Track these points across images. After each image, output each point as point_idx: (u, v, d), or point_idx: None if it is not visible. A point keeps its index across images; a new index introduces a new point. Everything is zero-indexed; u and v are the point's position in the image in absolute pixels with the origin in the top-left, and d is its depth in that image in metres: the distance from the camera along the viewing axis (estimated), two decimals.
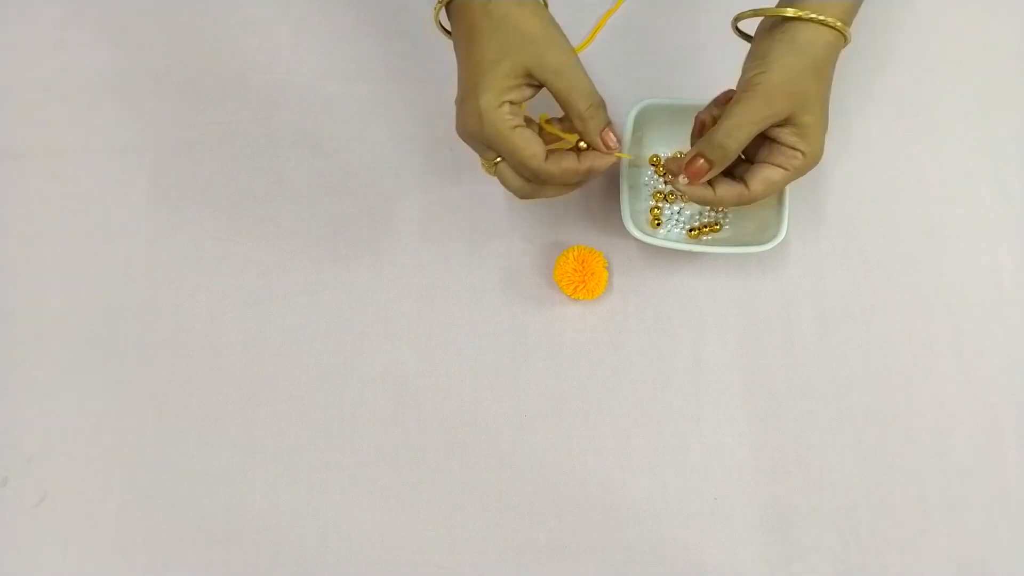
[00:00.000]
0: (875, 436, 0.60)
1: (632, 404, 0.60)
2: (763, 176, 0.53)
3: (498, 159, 0.52)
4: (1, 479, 0.60)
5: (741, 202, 0.54)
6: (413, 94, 0.67)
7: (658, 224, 0.63)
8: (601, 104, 0.51)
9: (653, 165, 0.64)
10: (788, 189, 0.59)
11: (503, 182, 0.53)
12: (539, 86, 0.51)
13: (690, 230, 0.63)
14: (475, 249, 0.64)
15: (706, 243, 0.62)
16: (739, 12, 0.53)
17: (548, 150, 0.52)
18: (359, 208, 0.64)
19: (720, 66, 0.56)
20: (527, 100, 0.51)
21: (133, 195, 0.65)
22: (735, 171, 0.56)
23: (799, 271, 0.63)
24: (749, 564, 0.58)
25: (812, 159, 0.53)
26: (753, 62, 0.51)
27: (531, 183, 0.53)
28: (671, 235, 0.62)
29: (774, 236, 0.59)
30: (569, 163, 0.52)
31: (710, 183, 0.54)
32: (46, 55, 0.68)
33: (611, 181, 0.64)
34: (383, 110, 0.67)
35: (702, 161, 0.52)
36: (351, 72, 0.67)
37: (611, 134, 0.52)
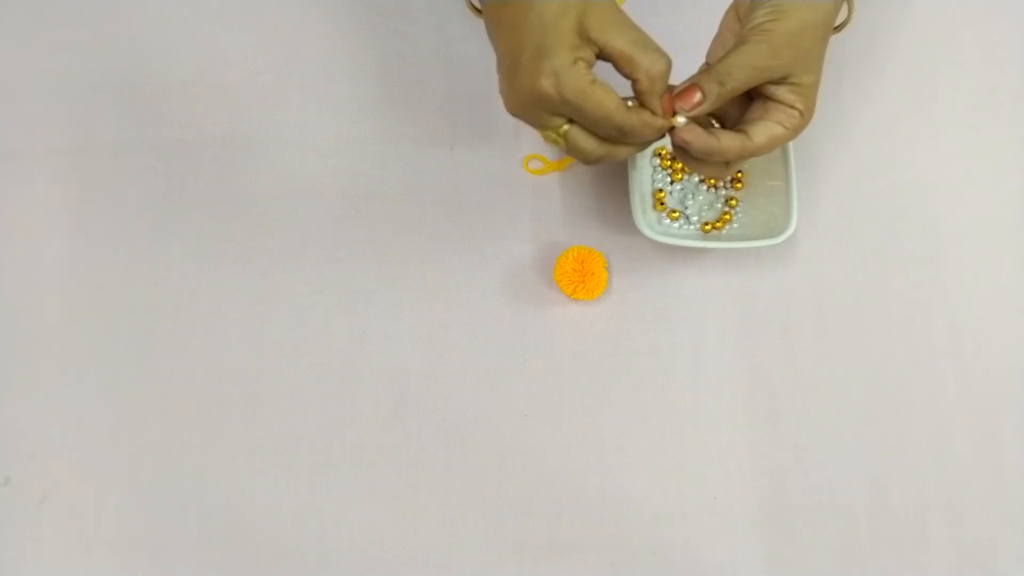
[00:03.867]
0: (875, 436, 0.60)
1: (632, 404, 0.60)
2: (767, 130, 0.51)
3: (565, 126, 0.49)
4: (2, 479, 0.60)
5: (743, 154, 0.51)
6: (413, 94, 0.67)
7: (663, 206, 0.63)
8: (669, 62, 0.49)
9: (658, 156, 0.64)
10: (796, 180, 0.60)
11: (573, 147, 0.50)
12: (597, 49, 0.48)
13: (704, 224, 0.63)
14: (475, 249, 0.64)
15: (716, 238, 0.62)
16: None
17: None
18: (359, 208, 0.64)
19: None
20: (593, 63, 0.48)
21: (133, 195, 0.65)
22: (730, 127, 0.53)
23: (799, 271, 0.63)
24: (749, 563, 0.58)
25: (807, 120, 0.52)
26: (763, 9, 0.49)
27: (604, 144, 0.50)
28: (682, 231, 0.63)
29: (784, 229, 0.59)
30: (647, 116, 0.49)
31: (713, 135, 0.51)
32: (46, 55, 0.68)
33: (612, 180, 0.64)
34: (383, 110, 0.67)
35: (698, 93, 0.50)
36: (351, 72, 0.67)
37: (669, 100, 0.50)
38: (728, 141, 0.51)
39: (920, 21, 0.68)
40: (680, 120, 0.50)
